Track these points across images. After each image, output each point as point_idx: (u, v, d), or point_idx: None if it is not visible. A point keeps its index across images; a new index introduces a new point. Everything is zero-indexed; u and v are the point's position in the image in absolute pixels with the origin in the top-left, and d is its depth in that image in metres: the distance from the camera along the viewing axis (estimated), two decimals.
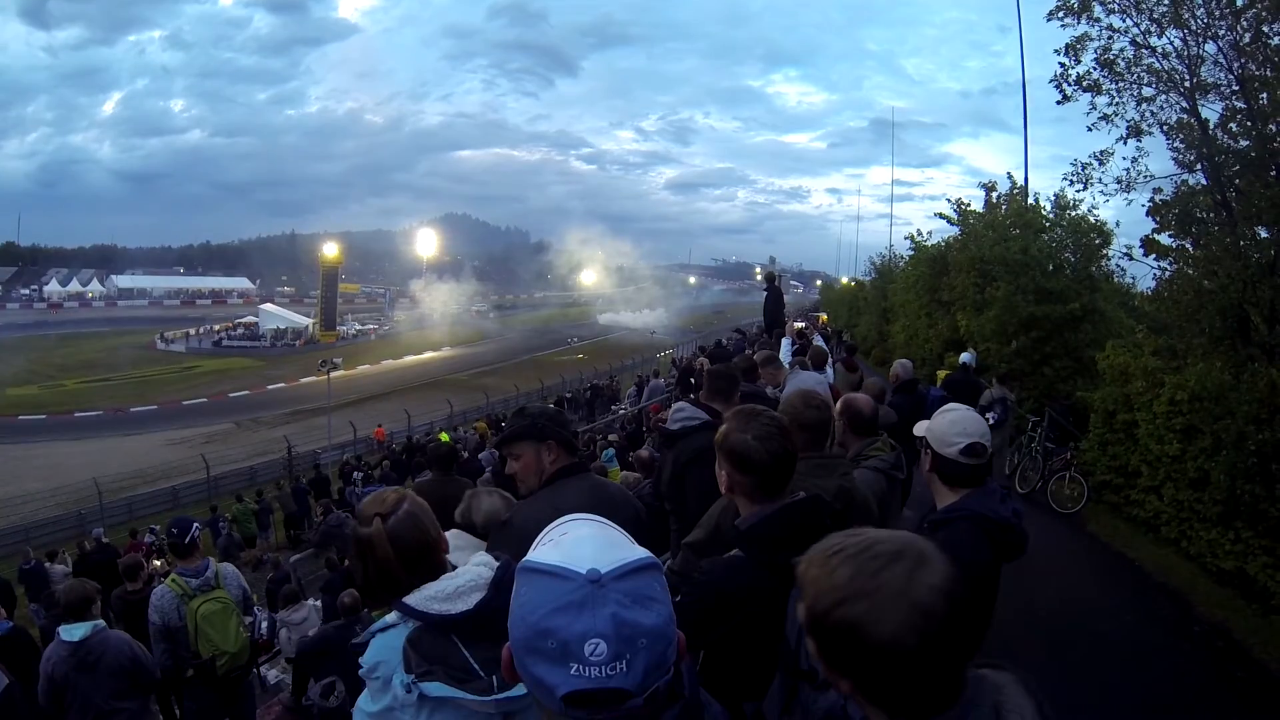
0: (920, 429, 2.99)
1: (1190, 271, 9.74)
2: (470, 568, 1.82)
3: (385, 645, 1.81)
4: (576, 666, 1.01)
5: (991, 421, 9.27)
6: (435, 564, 1.91)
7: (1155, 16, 10.06)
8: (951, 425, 2.86)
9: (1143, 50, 10.27)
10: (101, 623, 4.76)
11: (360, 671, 1.86)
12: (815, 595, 1.21)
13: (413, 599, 1.77)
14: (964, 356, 12.01)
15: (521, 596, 1.09)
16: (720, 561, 2.31)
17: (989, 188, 18.67)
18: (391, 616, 1.84)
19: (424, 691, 1.60)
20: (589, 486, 2.96)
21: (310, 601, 9.29)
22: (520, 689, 1.17)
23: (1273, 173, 8.59)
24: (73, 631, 4.61)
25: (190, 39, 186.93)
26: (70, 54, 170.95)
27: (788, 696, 2.00)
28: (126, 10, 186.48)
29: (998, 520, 2.77)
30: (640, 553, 1.13)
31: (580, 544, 1.12)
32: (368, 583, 1.91)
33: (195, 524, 5.35)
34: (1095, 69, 10.65)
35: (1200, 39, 9.77)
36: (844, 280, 59.94)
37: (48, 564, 15.21)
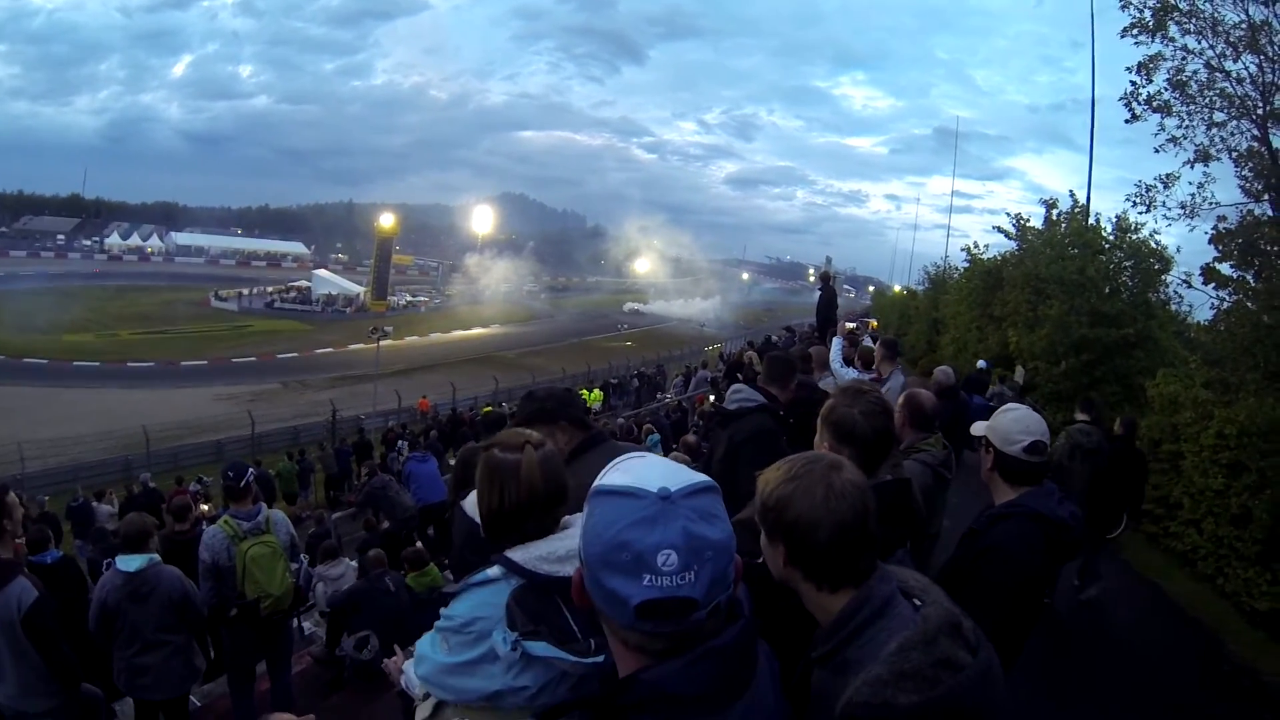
0: (980, 428, 3.05)
1: (1250, 304, 9.55)
2: (578, 530, 1.81)
3: (485, 600, 1.83)
4: (649, 577, 1.11)
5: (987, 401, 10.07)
6: (561, 514, 1.93)
7: (1232, 40, 9.86)
8: (1015, 423, 2.92)
9: (1216, 74, 10.08)
10: (157, 557, 4.94)
11: (444, 624, 1.88)
12: (763, 485, 1.58)
13: (519, 556, 1.80)
14: (981, 364, 12.81)
15: (595, 516, 1.19)
16: None
17: (1050, 205, 18.32)
18: (493, 571, 1.84)
19: (528, 650, 1.65)
20: (612, 453, 2.99)
21: (347, 560, 9.52)
22: None
23: None
24: (129, 562, 4.80)
25: (262, 7, 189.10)
26: (144, 15, 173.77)
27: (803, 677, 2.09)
28: None
29: (1054, 519, 2.81)
30: (702, 476, 1.23)
31: (649, 468, 1.22)
32: (498, 514, 1.89)
33: (250, 469, 5.55)
34: (1167, 89, 10.48)
35: (1276, 66, 9.57)
36: (896, 288, 59.22)
37: (95, 503, 15.75)
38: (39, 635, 3.94)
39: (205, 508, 13.29)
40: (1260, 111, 9.75)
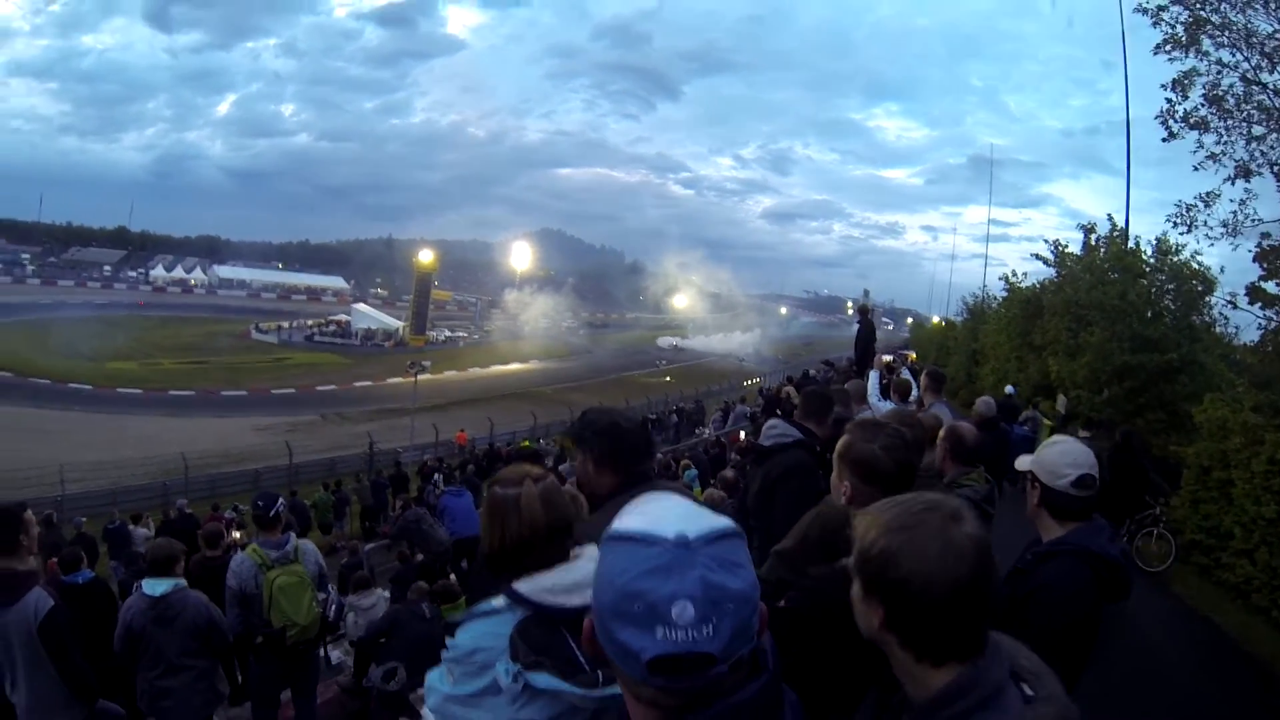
0: (1025, 463, 2.92)
1: None
2: (586, 562, 1.79)
3: (487, 631, 1.80)
4: (663, 630, 1.00)
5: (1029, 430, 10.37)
6: (567, 547, 1.91)
7: (1266, 51, 9.70)
8: (1062, 456, 2.80)
9: (1253, 86, 9.90)
10: (183, 582, 4.96)
11: (449, 654, 1.86)
12: (864, 531, 1.39)
13: (525, 587, 1.76)
14: (1009, 389, 13.41)
15: (608, 562, 1.09)
16: (834, 569, 2.32)
17: (1088, 229, 18.21)
18: (498, 602, 1.81)
19: (530, 683, 1.61)
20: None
21: (380, 590, 9.47)
22: None
23: None
24: (155, 586, 4.81)
25: (303, 48, 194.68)
26: (190, 56, 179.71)
27: (879, 711, 2.00)
28: (245, 18, 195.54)
29: (1105, 557, 2.70)
30: (724, 520, 1.11)
31: (666, 511, 1.11)
32: (500, 550, 1.89)
33: (280, 499, 5.55)
34: (1203, 105, 10.32)
35: None
36: (935, 319, 58.78)
37: (131, 526, 15.99)
38: (54, 644, 3.97)
39: (237, 535, 13.37)
40: None
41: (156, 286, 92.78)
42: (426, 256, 74.01)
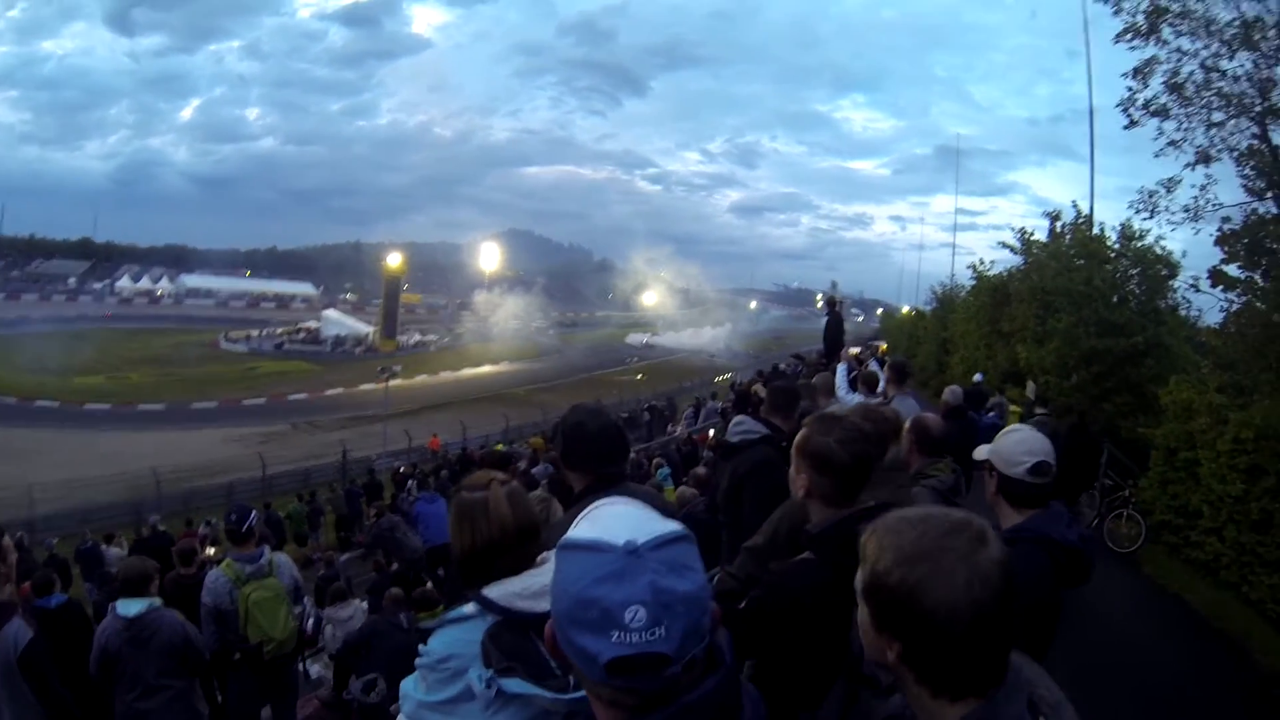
0: (983, 452, 2.98)
1: (1259, 304, 9.49)
2: (553, 567, 1.81)
3: (459, 638, 1.82)
4: (618, 634, 1.06)
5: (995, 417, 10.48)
6: (535, 550, 1.94)
7: (1226, 39, 9.86)
8: (1017, 445, 2.85)
9: (1212, 74, 10.06)
10: (158, 601, 4.88)
11: (421, 660, 1.88)
12: (878, 556, 1.26)
13: (494, 593, 1.79)
14: (976, 377, 13.68)
15: (563, 571, 1.15)
16: (792, 563, 2.36)
17: (1054, 217, 18.41)
18: (469, 608, 1.84)
19: (503, 688, 1.63)
20: (625, 494, 2.91)
21: (357, 601, 9.42)
22: None
23: None
24: (129, 607, 4.74)
25: (267, 50, 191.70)
26: (152, 60, 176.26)
27: (846, 703, 2.02)
28: (207, 20, 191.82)
29: (1063, 544, 2.73)
30: (673, 525, 1.17)
31: (616, 519, 1.17)
32: (471, 553, 1.91)
33: (254, 512, 5.48)
34: (1164, 93, 10.48)
35: (1272, 62, 9.56)
36: (905, 309, 59.14)
37: (104, 546, 15.77)
38: (34, 675, 3.92)
39: (211, 551, 13.23)
40: (1259, 108, 9.72)
41: (123, 298, 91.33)
42: (395, 260, 73.59)
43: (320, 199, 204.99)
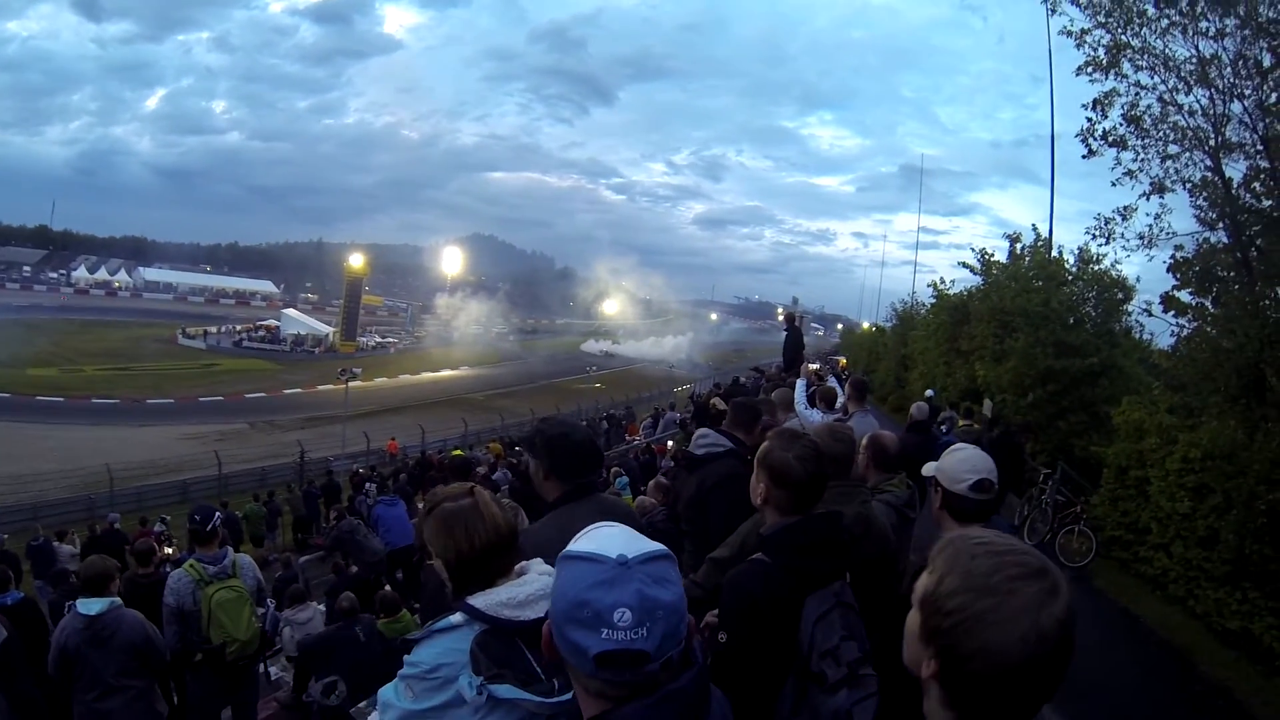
0: (930, 469, 3.11)
1: (1209, 329, 9.76)
2: (537, 576, 1.91)
3: (449, 648, 1.88)
4: (606, 631, 1.25)
5: (945, 430, 10.66)
6: (517, 557, 2.01)
7: (1183, 75, 10.11)
8: (961, 463, 2.98)
9: (1169, 108, 10.32)
10: (118, 600, 4.86)
11: (408, 671, 1.93)
12: (948, 572, 1.22)
13: (481, 602, 1.86)
14: (928, 393, 13.79)
15: (563, 577, 1.33)
16: (745, 564, 2.47)
17: (1013, 239, 18.71)
18: (456, 618, 1.90)
19: (494, 693, 1.72)
20: (597, 506, 2.96)
21: (315, 604, 9.36)
22: None
23: None
24: (90, 605, 4.71)
25: (237, 43, 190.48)
26: (119, 47, 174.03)
27: (797, 699, 2.11)
28: (177, 9, 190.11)
29: None
30: (658, 545, 1.37)
31: (611, 537, 1.36)
32: (470, 557, 1.96)
33: (217, 513, 5.46)
34: (1122, 124, 10.70)
35: (1226, 98, 9.82)
36: (865, 325, 59.76)
37: (56, 543, 15.41)
38: (6, 673, 3.88)
39: (169, 550, 13.06)
40: (1212, 143, 9.98)
41: (79, 289, 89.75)
42: (357, 261, 72.96)
43: (284, 196, 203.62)
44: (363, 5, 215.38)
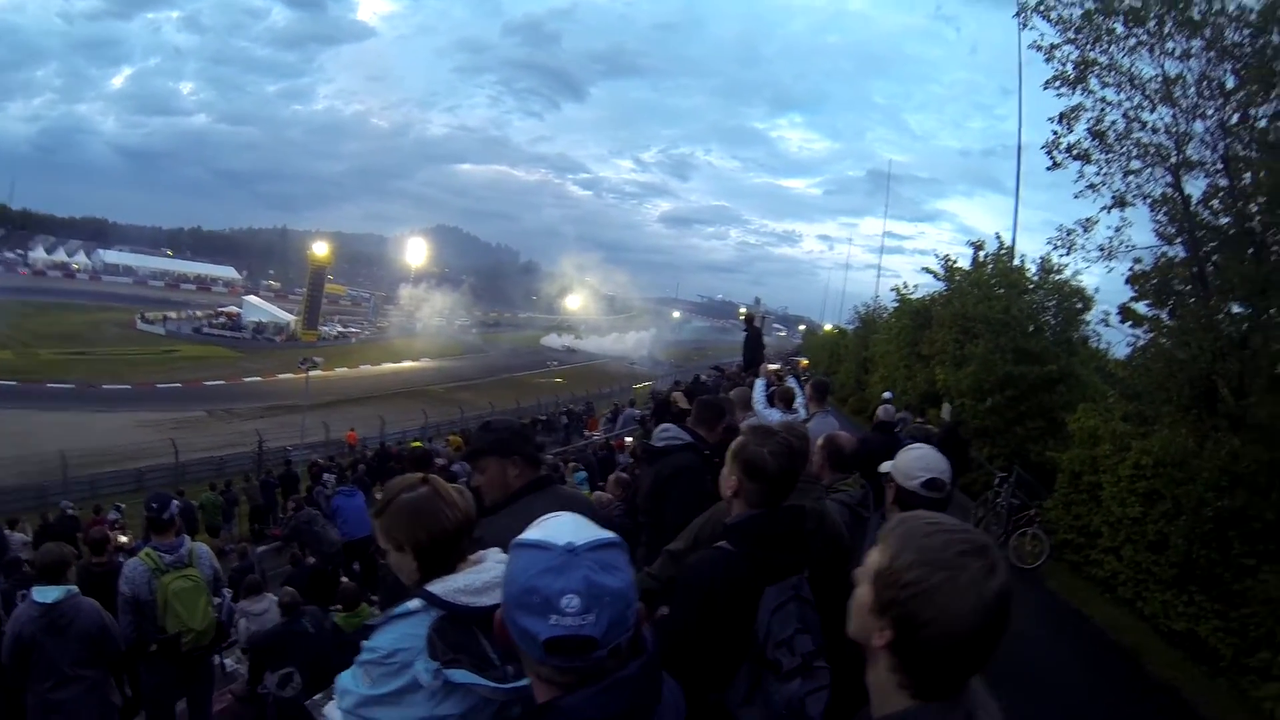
0: (885, 466, 3.21)
1: (1164, 341, 9.94)
2: (494, 564, 1.92)
3: (406, 633, 1.89)
4: (554, 617, 1.28)
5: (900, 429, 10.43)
6: (467, 543, 2.04)
7: (1148, 93, 10.28)
8: (915, 461, 3.09)
9: (1134, 124, 10.48)
10: (75, 588, 4.80)
11: (366, 657, 1.94)
12: (902, 548, 1.31)
13: (439, 589, 1.89)
14: (886, 395, 13.33)
15: (513, 565, 1.36)
16: (708, 551, 2.52)
17: (977, 246, 18.87)
18: (414, 604, 1.92)
19: (449, 678, 1.75)
20: (555, 498, 2.99)
21: (271, 595, 9.27)
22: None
23: (1249, 250, 8.82)
24: (46, 594, 4.65)
25: (207, 23, 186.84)
26: (86, 23, 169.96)
27: (751, 686, 2.15)
28: None
29: None
30: (608, 533, 1.40)
31: (561, 525, 1.40)
32: (439, 541, 1.98)
33: (174, 501, 5.40)
34: (1087, 139, 10.85)
35: (1189, 117, 10.00)
36: (827, 327, 60.14)
37: (7, 531, 15.07)
38: None
39: (124, 539, 12.85)
40: (1174, 160, 10.15)
41: (36, 270, 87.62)
42: (321, 249, 72.11)
43: (249, 181, 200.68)
44: None
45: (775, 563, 2.40)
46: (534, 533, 1.38)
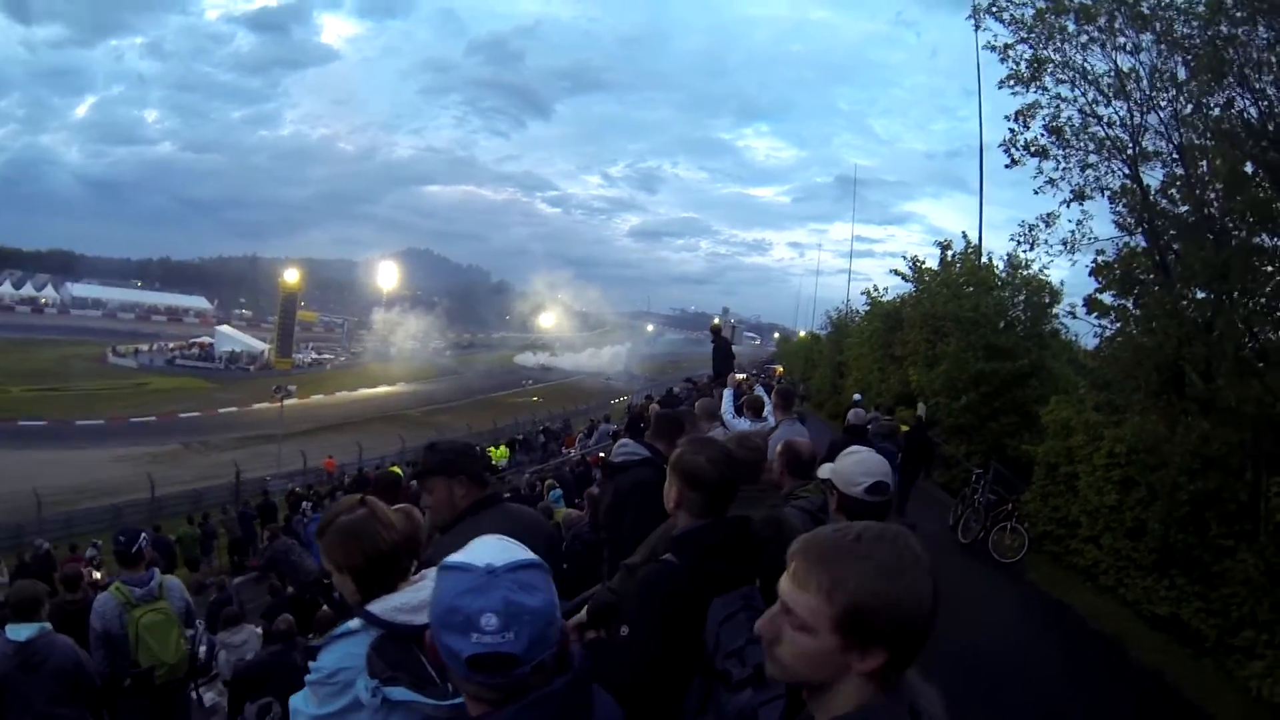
0: (825, 471, 3.19)
1: (1130, 329, 10.06)
2: (430, 583, 1.86)
3: (348, 652, 1.92)
4: (476, 635, 1.33)
5: (871, 429, 10.56)
6: (410, 562, 2.08)
7: (1102, 88, 10.45)
8: (856, 465, 3.05)
9: (1089, 119, 10.64)
10: (48, 625, 4.71)
11: (312, 676, 1.97)
12: (860, 580, 1.23)
13: (377, 608, 1.92)
14: (856, 397, 14.27)
15: (438, 586, 1.42)
16: (655, 564, 2.52)
17: (944, 246, 19.04)
18: (354, 623, 1.97)
19: (388, 696, 1.76)
20: (503, 516, 3.04)
21: (250, 626, 9.17)
22: None
23: (1209, 236, 8.94)
24: (19, 631, 4.56)
25: (170, 49, 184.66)
26: (49, 51, 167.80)
27: (703, 697, 2.15)
28: (110, 14, 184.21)
29: None
30: (528, 554, 1.45)
31: (483, 547, 1.45)
32: (378, 562, 2.02)
33: (143, 534, 5.33)
34: (1044, 135, 11.01)
35: (1143, 110, 10.17)
36: (801, 333, 60.39)
37: None
38: None
39: (97, 575, 12.67)
40: (1130, 151, 10.32)
41: (3, 305, 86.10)
42: (292, 276, 71.58)
43: (217, 209, 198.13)
44: (300, 14, 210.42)
45: (720, 574, 2.37)
46: (458, 555, 1.44)
